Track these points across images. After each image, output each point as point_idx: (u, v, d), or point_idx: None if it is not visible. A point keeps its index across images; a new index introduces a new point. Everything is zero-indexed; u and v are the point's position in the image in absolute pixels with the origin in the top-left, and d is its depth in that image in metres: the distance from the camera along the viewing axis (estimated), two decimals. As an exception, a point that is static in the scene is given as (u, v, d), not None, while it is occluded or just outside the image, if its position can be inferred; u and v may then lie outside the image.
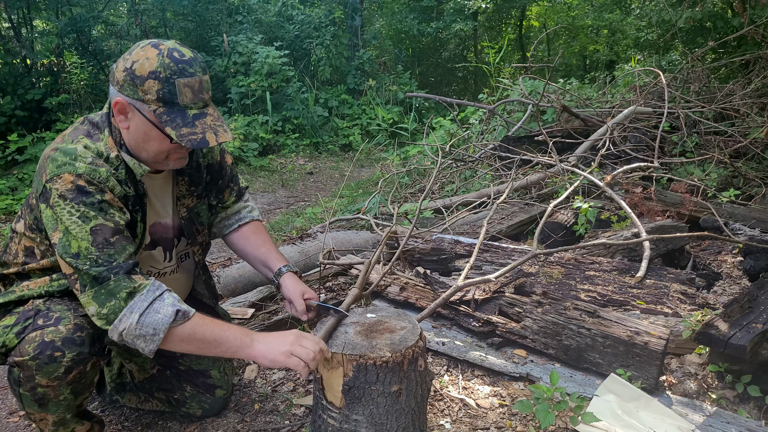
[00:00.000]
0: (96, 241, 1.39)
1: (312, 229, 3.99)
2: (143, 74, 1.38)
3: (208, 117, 1.45)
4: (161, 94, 1.39)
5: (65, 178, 1.39)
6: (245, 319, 2.52)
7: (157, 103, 1.40)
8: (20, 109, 6.88)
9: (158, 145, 1.47)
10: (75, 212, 1.39)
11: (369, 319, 1.65)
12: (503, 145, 4.67)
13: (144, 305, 1.40)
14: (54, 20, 7.94)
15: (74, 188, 1.39)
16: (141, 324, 1.39)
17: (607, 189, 3.17)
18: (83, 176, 1.40)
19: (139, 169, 1.52)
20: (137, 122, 1.45)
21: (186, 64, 1.41)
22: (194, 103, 1.43)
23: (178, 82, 1.39)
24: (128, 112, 1.44)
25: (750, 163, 4.34)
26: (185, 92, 1.41)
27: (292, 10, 10.60)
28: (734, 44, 6.68)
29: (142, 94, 1.39)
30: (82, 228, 1.39)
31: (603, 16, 12.33)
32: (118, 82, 1.42)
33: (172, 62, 1.39)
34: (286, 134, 8.57)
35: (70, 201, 1.39)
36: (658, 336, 1.95)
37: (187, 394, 1.92)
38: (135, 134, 1.47)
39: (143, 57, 1.39)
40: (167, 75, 1.38)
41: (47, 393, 1.48)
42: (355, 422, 1.48)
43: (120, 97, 1.42)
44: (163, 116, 1.40)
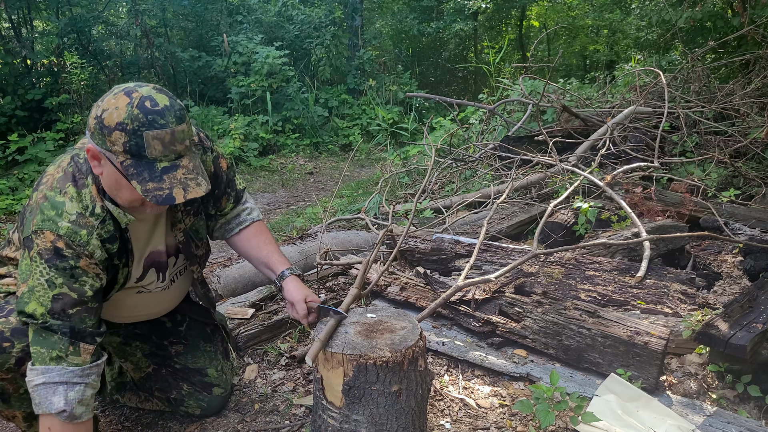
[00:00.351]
0: (53, 310, 1.38)
1: (312, 229, 3.99)
2: (111, 125, 1.31)
3: (180, 170, 1.37)
4: (128, 146, 1.31)
5: (46, 237, 1.38)
6: (245, 319, 2.52)
7: (125, 155, 1.33)
8: (20, 109, 6.88)
9: (129, 194, 1.41)
10: (45, 274, 1.38)
11: (369, 319, 1.65)
12: (503, 145, 4.67)
13: (55, 379, 1.38)
14: (54, 20, 7.94)
15: (51, 249, 1.38)
16: (36, 390, 1.38)
17: (607, 189, 3.17)
18: (63, 238, 1.38)
19: (124, 218, 1.48)
20: (108, 170, 1.38)
21: (157, 115, 1.32)
22: (164, 155, 1.34)
23: (147, 135, 1.31)
24: (100, 159, 1.39)
25: (750, 163, 4.34)
26: (154, 144, 1.32)
27: (292, 10, 10.60)
28: (734, 44, 6.69)
29: (110, 144, 1.32)
30: (46, 293, 1.38)
31: (603, 15, 12.33)
32: (90, 129, 1.37)
33: (141, 113, 1.31)
34: (286, 134, 8.58)
35: (45, 262, 1.38)
36: (658, 336, 1.95)
37: (184, 392, 1.91)
38: (107, 181, 1.41)
39: (113, 106, 1.32)
40: (135, 127, 1.30)
41: (5, 387, 1.49)
42: (355, 422, 1.48)
43: (91, 144, 1.37)
44: (130, 169, 1.33)
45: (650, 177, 3.69)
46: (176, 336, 1.93)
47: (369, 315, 1.68)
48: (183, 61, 9.03)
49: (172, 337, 1.93)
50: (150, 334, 1.92)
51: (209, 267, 3.10)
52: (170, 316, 1.94)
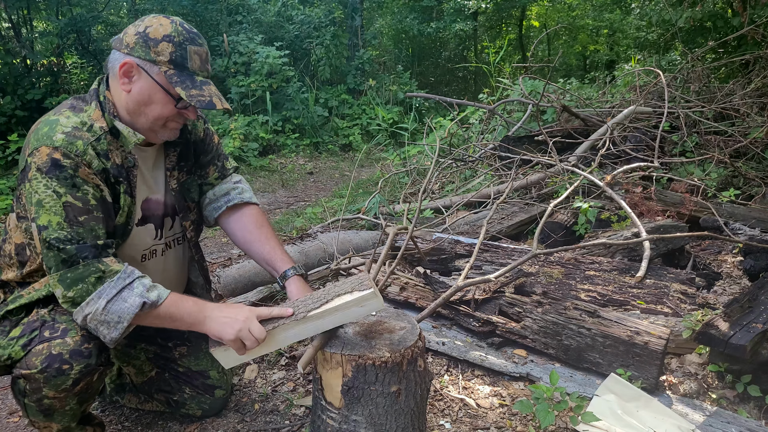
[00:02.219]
0: (68, 217, 1.39)
1: (312, 229, 3.99)
2: (157, 37, 1.44)
3: (212, 86, 1.53)
4: (174, 56, 1.45)
5: (42, 151, 1.40)
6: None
7: (168, 65, 1.45)
8: (20, 109, 6.88)
9: (160, 109, 1.50)
10: (49, 186, 1.39)
11: (368, 319, 1.65)
12: (503, 145, 4.67)
13: (113, 292, 1.40)
14: (54, 20, 7.95)
15: (49, 161, 1.39)
16: (107, 311, 1.40)
17: (607, 189, 3.17)
18: (59, 149, 1.40)
19: (133, 137, 1.51)
20: (142, 84, 1.47)
21: (195, 35, 1.50)
22: (201, 71, 1.50)
23: (190, 49, 1.47)
24: (133, 75, 1.47)
25: (750, 163, 4.34)
26: (195, 59, 1.48)
27: (292, 10, 10.60)
28: (734, 44, 6.69)
29: (154, 55, 1.44)
30: (56, 203, 1.39)
31: (603, 15, 12.33)
32: (128, 45, 1.46)
33: (185, 30, 1.48)
34: (286, 134, 8.58)
35: (45, 174, 1.39)
36: (658, 336, 1.95)
37: (187, 395, 1.91)
38: (137, 97, 1.49)
39: (157, 23, 1.46)
40: (180, 40, 1.46)
41: (53, 404, 1.47)
42: (354, 423, 1.47)
43: (129, 58, 1.45)
44: (174, 77, 1.45)
45: (650, 177, 3.69)
46: (179, 337, 1.93)
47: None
48: (183, 61, 9.02)
49: (176, 338, 1.93)
50: (155, 335, 1.91)
51: (209, 267, 3.10)
52: None
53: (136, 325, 1.45)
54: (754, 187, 3.99)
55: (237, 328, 1.45)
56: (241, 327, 1.45)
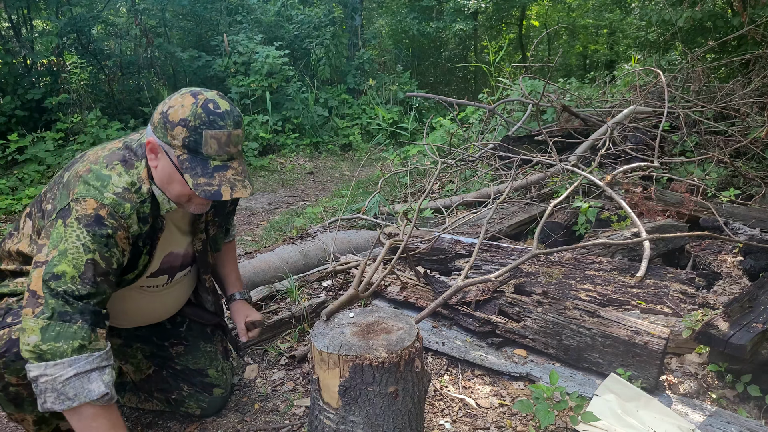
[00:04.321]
0: (84, 275, 1.38)
1: (312, 228, 3.99)
2: (174, 120, 1.42)
3: (230, 171, 1.46)
4: (187, 141, 1.42)
5: (89, 204, 1.41)
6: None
7: (182, 149, 1.43)
8: (20, 109, 6.88)
9: (180, 189, 1.49)
10: (82, 239, 1.39)
11: (366, 319, 1.65)
12: (503, 144, 4.67)
13: (86, 367, 1.35)
14: (54, 20, 7.94)
15: (93, 216, 1.40)
16: (68, 383, 1.33)
17: (607, 189, 3.17)
18: (107, 207, 1.42)
19: (166, 205, 1.54)
20: (164, 163, 1.47)
21: (218, 117, 1.43)
22: (218, 155, 1.45)
23: (206, 133, 1.42)
24: (158, 153, 1.47)
25: (750, 163, 4.34)
26: (211, 143, 1.43)
27: (292, 9, 10.60)
28: (734, 44, 6.69)
29: (170, 138, 1.43)
30: (80, 257, 1.38)
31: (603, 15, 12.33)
32: (153, 123, 1.46)
33: (204, 113, 1.42)
34: (286, 134, 8.57)
35: (83, 226, 1.39)
36: (658, 336, 1.95)
37: (185, 393, 1.91)
38: (161, 174, 1.49)
39: (179, 104, 1.43)
40: (196, 124, 1.41)
41: (20, 391, 1.47)
42: (352, 423, 1.47)
43: (152, 137, 1.46)
44: (185, 163, 1.43)
45: (650, 177, 3.69)
46: (176, 337, 1.93)
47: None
48: (182, 60, 9.03)
49: (172, 338, 1.93)
50: (150, 336, 1.92)
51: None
52: (170, 318, 1.94)
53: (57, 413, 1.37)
54: (754, 187, 3.98)
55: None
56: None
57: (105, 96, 8.12)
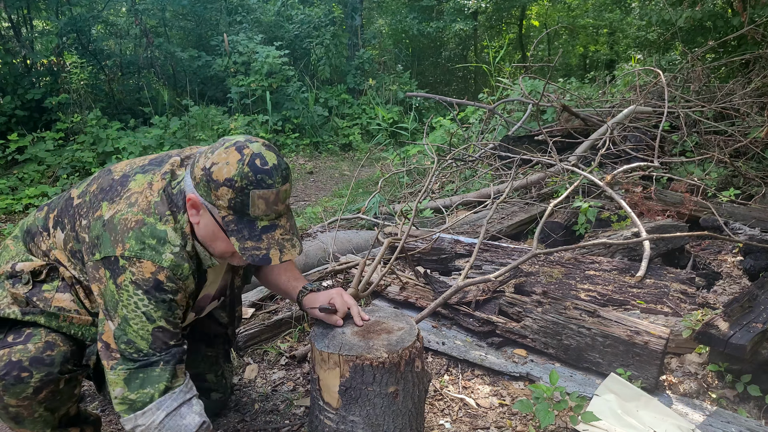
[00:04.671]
0: (154, 345, 1.36)
1: (312, 229, 3.99)
2: (219, 179, 1.30)
3: (278, 230, 1.37)
4: (233, 203, 1.32)
5: (146, 267, 1.34)
6: (245, 319, 2.52)
7: (228, 211, 1.33)
8: (20, 109, 6.88)
9: (224, 247, 1.40)
10: (143, 306, 1.35)
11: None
12: (503, 144, 4.67)
13: (173, 405, 1.36)
14: (54, 20, 7.94)
15: (152, 281, 1.34)
16: (163, 425, 1.34)
17: (607, 188, 3.17)
18: (165, 270, 1.35)
19: (208, 261, 1.48)
20: (207, 221, 1.38)
21: (266, 174, 1.32)
22: (266, 215, 1.35)
23: (253, 194, 1.31)
24: (200, 209, 1.38)
25: (750, 163, 4.34)
26: (258, 204, 1.33)
27: (292, 9, 10.60)
28: (734, 44, 6.69)
29: (214, 198, 1.32)
30: (145, 326, 1.36)
31: (603, 15, 12.33)
32: (195, 179, 1.35)
33: (251, 172, 1.30)
34: (286, 134, 8.57)
35: (143, 293, 1.34)
36: (658, 335, 1.95)
37: None
38: (204, 231, 1.40)
39: (224, 161, 1.31)
40: (243, 185, 1.30)
41: (20, 412, 1.44)
42: (352, 423, 1.47)
43: (194, 194, 1.36)
44: (231, 225, 1.34)
45: (650, 177, 3.69)
46: None
47: None
48: (182, 60, 9.03)
49: None
50: None
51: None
52: None
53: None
54: (754, 186, 3.98)
55: None
56: None
57: (105, 96, 8.12)
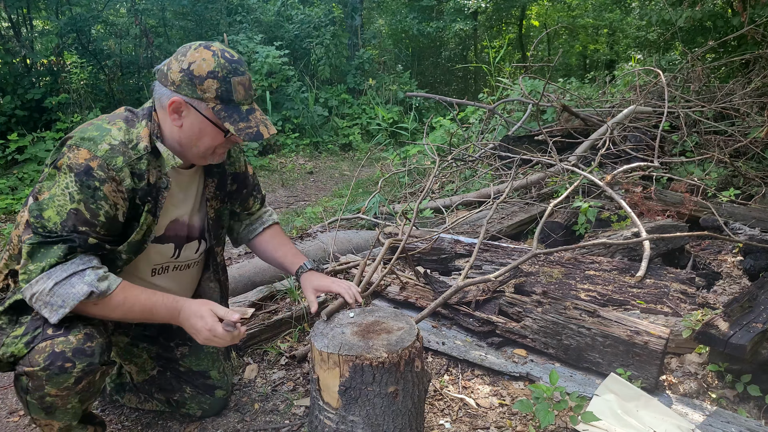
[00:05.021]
0: (65, 223, 1.41)
1: (312, 228, 3.99)
2: (202, 74, 1.45)
3: (257, 112, 1.55)
4: (220, 92, 1.47)
5: (82, 153, 1.42)
6: (245, 319, 2.51)
7: (215, 101, 1.48)
8: (20, 109, 6.88)
9: (211, 141, 1.54)
10: (69, 186, 1.41)
11: (366, 319, 1.65)
12: (503, 144, 4.67)
13: (62, 275, 1.40)
14: (54, 20, 7.94)
15: (84, 165, 1.42)
16: (53, 293, 1.40)
17: (607, 188, 3.17)
18: (98, 159, 1.43)
19: (171, 161, 1.55)
20: (192, 120, 1.51)
21: (237, 64, 1.50)
22: (245, 99, 1.52)
23: (234, 81, 1.48)
24: (183, 111, 1.50)
25: (750, 163, 4.34)
26: (239, 90, 1.49)
27: (292, 9, 10.60)
28: (734, 44, 6.69)
29: (201, 92, 1.46)
30: (64, 205, 1.41)
31: (603, 15, 12.33)
32: (174, 83, 1.47)
33: (227, 62, 1.47)
34: (286, 134, 8.57)
35: (73, 175, 1.41)
36: (658, 335, 1.95)
37: (187, 395, 1.91)
38: (189, 132, 1.52)
39: (199, 58, 1.46)
40: (224, 74, 1.46)
41: (55, 402, 1.48)
42: (352, 423, 1.47)
43: (177, 96, 1.48)
44: (221, 113, 1.48)
45: (650, 177, 3.69)
46: (182, 338, 1.93)
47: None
48: (183, 60, 9.01)
49: (178, 338, 1.93)
50: (158, 336, 1.92)
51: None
52: None
53: (83, 313, 1.45)
54: (754, 186, 3.98)
55: (203, 337, 1.52)
56: (207, 336, 1.51)
57: (105, 96, 8.12)
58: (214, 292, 1.95)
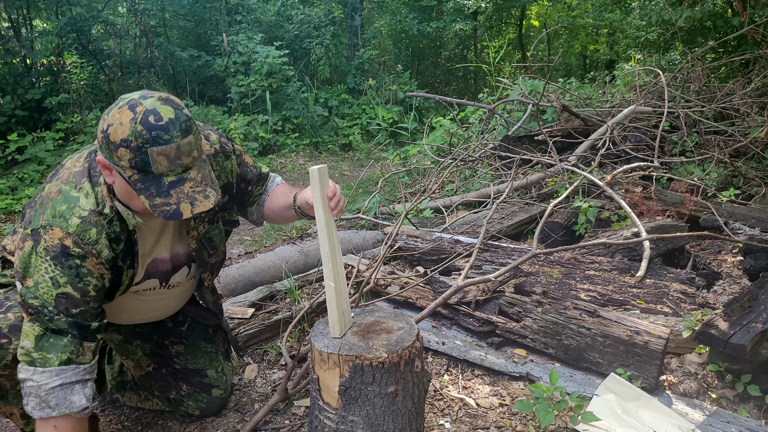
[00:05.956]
0: (57, 309, 1.38)
1: (312, 228, 3.99)
2: (116, 141, 1.29)
3: (187, 183, 1.34)
4: (134, 162, 1.30)
5: (55, 234, 1.37)
6: (245, 319, 2.52)
7: (132, 170, 1.32)
8: (20, 109, 6.88)
9: (141, 204, 1.39)
10: (50, 272, 1.37)
11: (366, 319, 1.65)
12: (503, 144, 4.67)
13: (71, 379, 1.39)
14: (54, 20, 7.94)
15: (59, 247, 1.37)
16: (52, 392, 1.37)
17: (607, 188, 3.17)
18: (72, 236, 1.37)
19: (132, 220, 1.48)
20: (119, 180, 1.38)
21: (161, 131, 1.29)
22: (170, 170, 1.32)
23: (151, 151, 1.28)
24: (111, 170, 1.37)
25: (750, 163, 4.34)
26: (159, 161, 1.30)
27: (292, 9, 10.59)
28: (734, 44, 6.69)
29: (116, 159, 1.31)
30: (50, 291, 1.38)
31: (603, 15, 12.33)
32: (99, 141, 1.36)
33: (145, 129, 1.28)
34: (286, 134, 8.57)
35: (51, 259, 1.37)
36: (657, 335, 1.95)
37: (183, 393, 1.91)
38: (120, 190, 1.41)
39: (117, 121, 1.29)
40: (139, 144, 1.28)
41: (2, 383, 1.48)
42: (352, 423, 1.47)
43: (100, 156, 1.36)
44: (137, 184, 1.33)
45: (650, 177, 3.69)
46: (177, 336, 1.93)
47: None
48: (182, 60, 9.02)
49: (172, 336, 1.93)
50: (151, 334, 1.92)
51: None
52: (172, 316, 1.93)
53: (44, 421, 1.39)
54: (754, 186, 3.98)
55: None
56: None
57: (105, 96, 8.12)
58: (207, 295, 1.91)
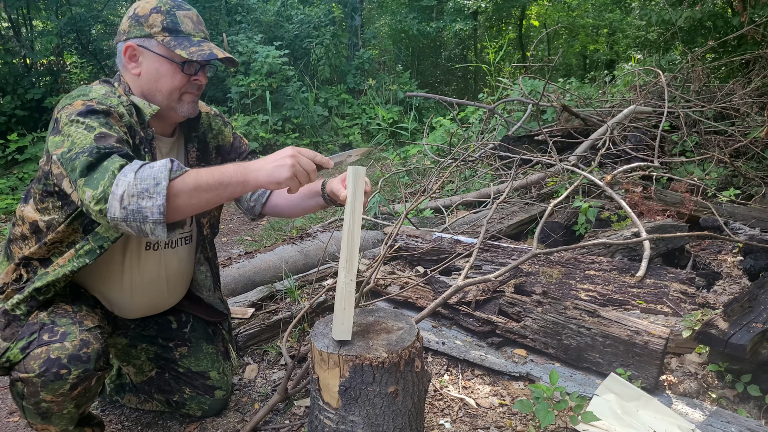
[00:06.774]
0: (98, 144, 1.34)
1: (312, 228, 3.99)
2: (146, 12, 1.52)
3: (210, 43, 1.57)
4: (165, 23, 1.52)
5: (77, 103, 1.43)
6: (245, 319, 2.52)
7: (163, 33, 1.52)
8: (20, 109, 6.89)
9: (170, 81, 1.55)
10: (81, 126, 1.37)
11: (366, 319, 1.65)
12: (503, 144, 4.67)
13: (135, 166, 1.30)
14: (54, 20, 7.95)
15: (84, 108, 1.41)
16: (138, 178, 1.27)
17: (607, 188, 3.17)
18: (94, 100, 1.45)
19: (148, 108, 1.55)
20: (148, 62, 1.54)
21: (181, 2, 1.58)
22: (195, 32, 1.56)
23: (179, 14, 1.54)
24: (138, 56, 1.54)
25: (750, 163, 4.34)
26: (186, 22, 1.55)
27: (292, 9, 10.59)
28: (734, 43, 6.69)
29: (148, 29, 1.51)
30: (86, 137, 1.35)
31: (603, 15, 12.33)
32: (125, 32, 1.54)
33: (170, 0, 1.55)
34: (286, 134, 8.57)
35: (78, 115, 1.39)
36: (658, 335, 1.95)
37: (186, 395, 1.91)
38: (147, 76, 1.55)
39: (144, 2, 1.55)
40: (168, 8, 1.53)
41: (51, 408, 1.46)
42: (352, 423, 1.47)
43: (128, 42, 1.53)
44: (171, 42, 1.51)
45: (650, 176, 3.69)
46: (181, 338, 1.93)
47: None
48: (183, 60, 9.02)
49: (177, 339, 1.93)
50: (157, 336, 1.91)
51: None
52: (176, 315, 1.93)
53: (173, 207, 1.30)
54: (754, 186, 3.98)
55: (290, 163, 1.38)
56: (293, 162, 1.39)
57: (105, 96, 8.12)
58: (207, 277, 1.92)
